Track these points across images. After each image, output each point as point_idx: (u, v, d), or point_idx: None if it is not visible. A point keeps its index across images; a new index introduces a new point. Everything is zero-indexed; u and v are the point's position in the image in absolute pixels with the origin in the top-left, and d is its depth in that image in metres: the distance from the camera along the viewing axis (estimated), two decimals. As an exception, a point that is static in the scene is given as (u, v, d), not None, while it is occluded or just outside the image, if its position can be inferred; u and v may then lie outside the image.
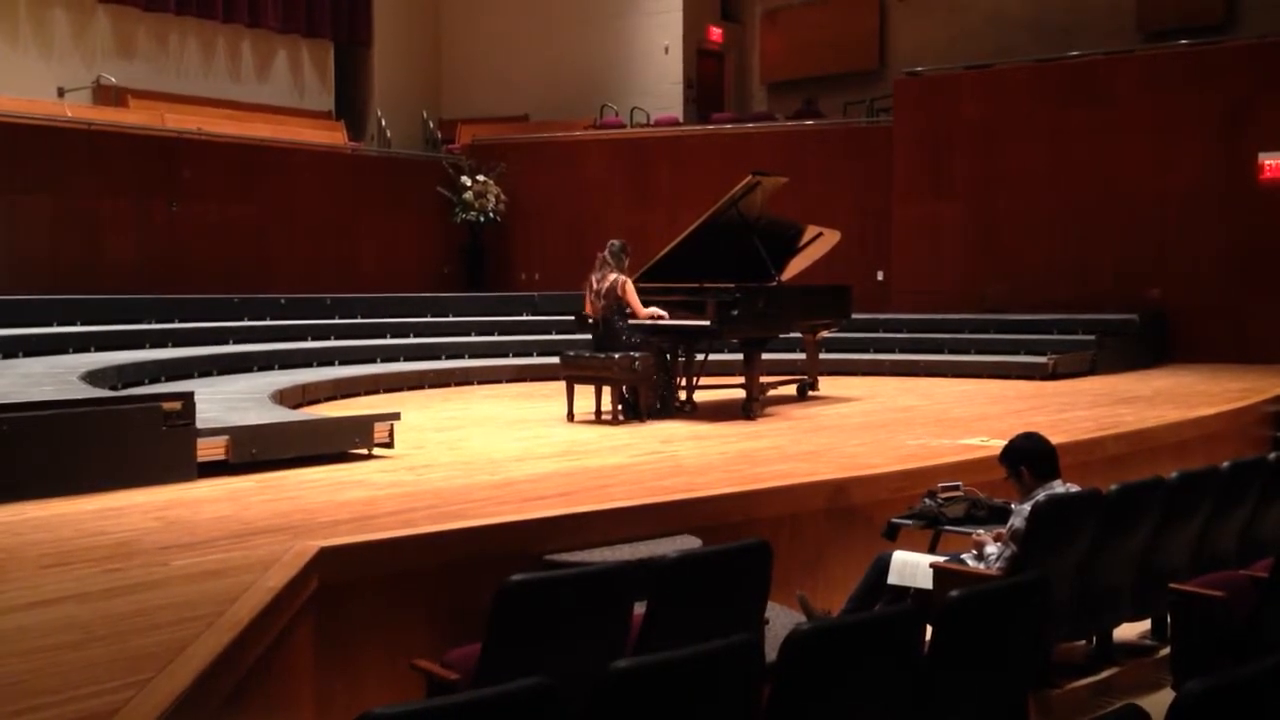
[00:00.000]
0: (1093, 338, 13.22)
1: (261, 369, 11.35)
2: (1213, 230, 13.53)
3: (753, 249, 9.78)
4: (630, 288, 9.20)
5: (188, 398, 6.43)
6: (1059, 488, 4.86)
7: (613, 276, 9.22)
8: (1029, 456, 4.94)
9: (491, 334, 14.46)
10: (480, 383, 12.72)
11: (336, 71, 17.92)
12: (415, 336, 13.86)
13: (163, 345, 11.44)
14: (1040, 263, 14.37)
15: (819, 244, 10.83)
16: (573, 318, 10.19)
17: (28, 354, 9.91)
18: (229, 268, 13.92)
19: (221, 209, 14.03)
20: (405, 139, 18.01)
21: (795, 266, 10.72)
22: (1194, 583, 4.86)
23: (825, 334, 11.68)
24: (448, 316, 14.74)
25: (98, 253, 12.85)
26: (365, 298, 14.38)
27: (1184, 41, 14.23)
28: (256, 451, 6.69)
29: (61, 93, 14.37)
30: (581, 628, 3.78)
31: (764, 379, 9.93)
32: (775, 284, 9.88)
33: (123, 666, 3.24)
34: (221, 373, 10.82)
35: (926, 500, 5.46)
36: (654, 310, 9.29)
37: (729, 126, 16.85)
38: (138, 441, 6.17)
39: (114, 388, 8.31)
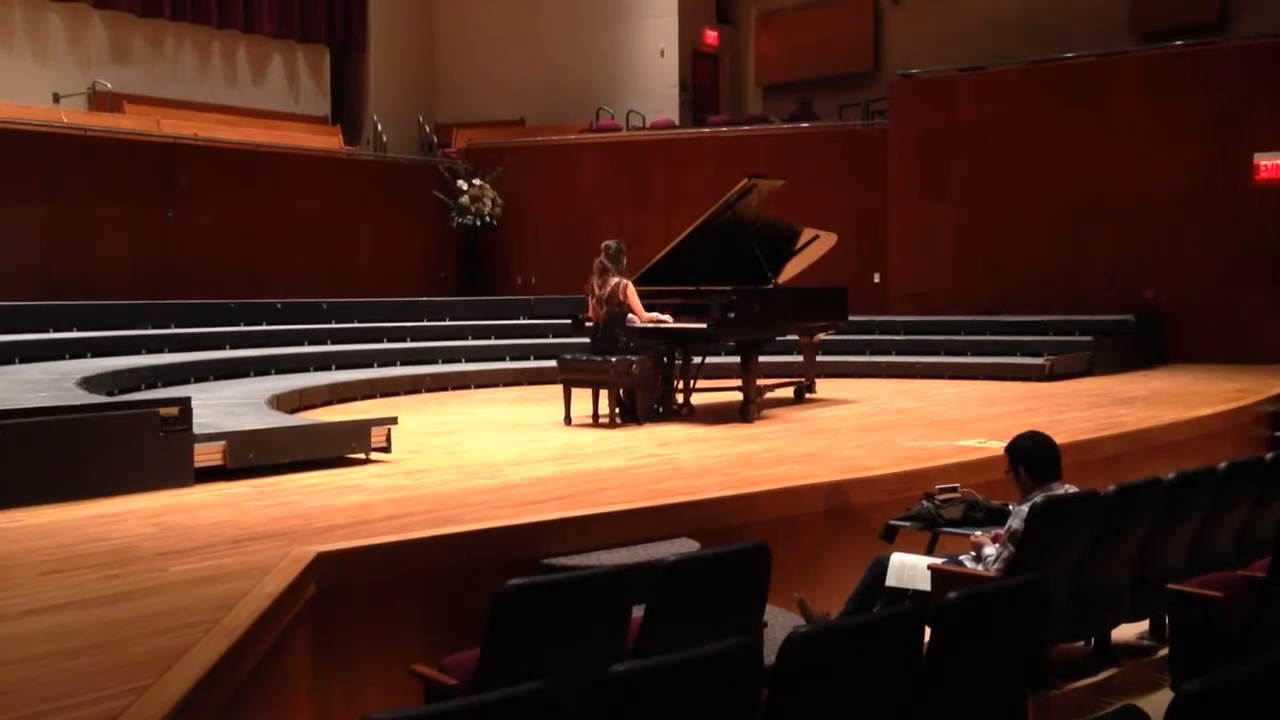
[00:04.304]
0: (1089, 339, 13.24)
1: (258, 374, 11.35)
2: (1208, 231, 13.55)
3: (749, 252, 9.78)
4: (632, 291, 9.20)
5: (184, 403, 6.43)
6: (1059, 490, 4.85)
7: (614, 280, 9.21)
8: (1028, 458, 4.94)
9: (488, 338, 14.46)
10: (477, 387, 12.71)
11: (332, 76, 17.93)
12: (412, 341, 13.86)
13: (159, 351, 11.42)
14: (1036, 264, 14.39)
15: (815, 246, 10.83)
16: (569, 321, 10.20)
17: (24, 360, 9.90)
18: (225, 273, 13.91)
19: (217, 214, 14.03)
20: (401, 143, 18.02)
21: (792, 269, 10.72)
22: (1191, 583, 4.87)
23: (822, 336, 11.69)
24: (444, 320, 14.73)
25: (93, 258, 12.84)
26: (361, 302, 14.37)
27: (1178, 42, 14.25)
28: (253, 457, 6.68)
29: (57, 99, 14.37)
30: (579, 632, 3.78)
31: (761, 381, 9.92)
32: (772, 287, 9.88)
33: (120, 673, 3.24)
34: (218, 378, 10.81)
35: (924, 502, 5.46)
36: (655, 315, 9.30)
37: (724, 129, 16.86)
38: (134, 447, 6.16)
39: (110, 393, 8.30)
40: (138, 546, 4.89)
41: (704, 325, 9.13)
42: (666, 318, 9.31)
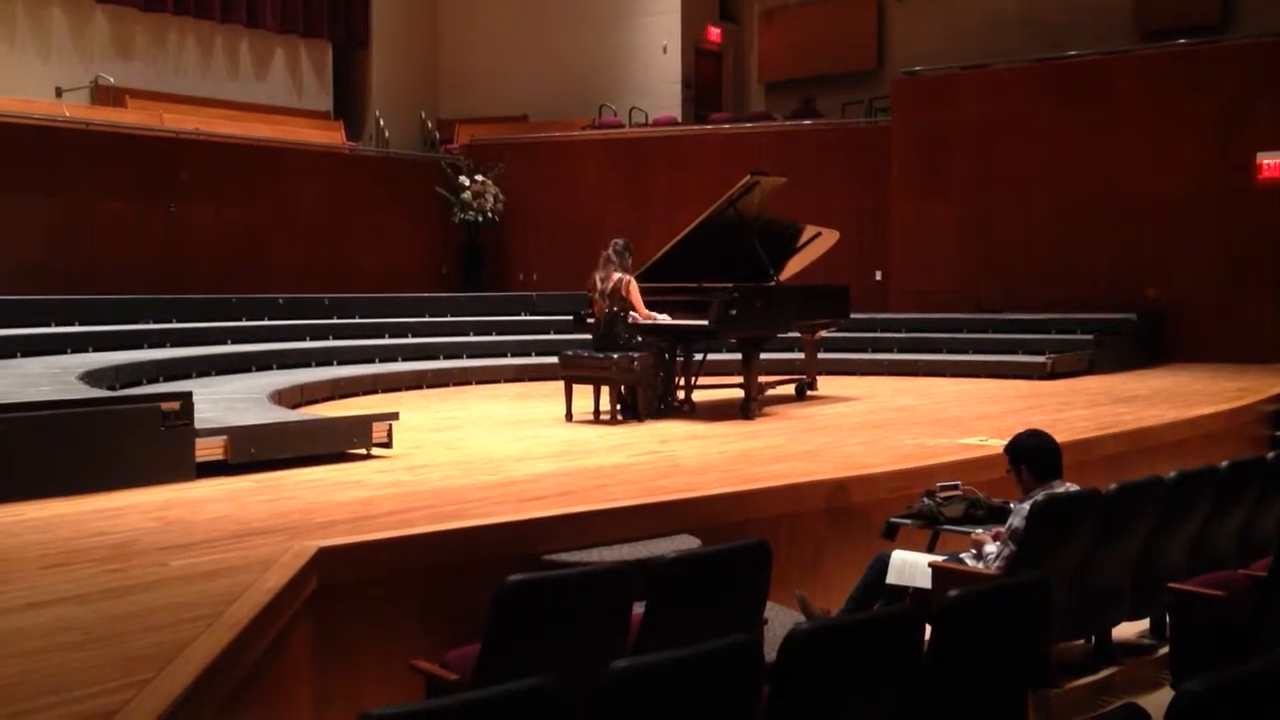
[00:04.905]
0: (1091, 337, 13.23)
1: (260, 369, 11.35)
2: (1210, 230, 13.54)
3: (751, 249, 9.77)
4: (634, 287, 9.20)
5: (186, 398, 6.43)
6: (1060, 488, 4.85)
7: (617, 275, 9.21)
8: (1030, 456, 4.94)
9: (490, 334, 14.45)
10: (478, 383, 12.71)
11: (334, 71, 17.92)
12: (413, 336, 13.85)
13: (161, 345, 11.43)
14: (1038, 262, 14.38)
15: (817, 244, 10.83)
16: (571, 317, 10.20)
17: (25, 354, 9.90)
18: (227, 268, 13.91)
19: (219, 209, 14.02)
20: (403, 139, 18.01)
21: (793, 266, 10.72)
22: (1192, 582, 4.87)
23: (823, 334, 11.68)
24: (446, 316, 14.73)
25: (95, 253, 12.84)
26: (363, 298, 14.37)
27: (1181, 41, 14.24)
28: (255, 451, 6.69)
29: (59, 93, 14.36)
30: (580, 628, 3.78)
31: (762, 379, 9.92)
32: (773, 284, 9.88)
33: (121, 667, 3.24)
34: (219, 373, 10.81)
35: (925, 500, 5.46)
36: (652, 314, 9.28)
37: (727, 126, 16.85)
38: (136, 442, 6.16)
39: (112, 388, 8.30)
40: (139, 541, 4.90)
41: (705, 322, 9.12)
42: (664, 317, 9.30)
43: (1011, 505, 5.00)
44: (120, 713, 2.87)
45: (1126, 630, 5.42)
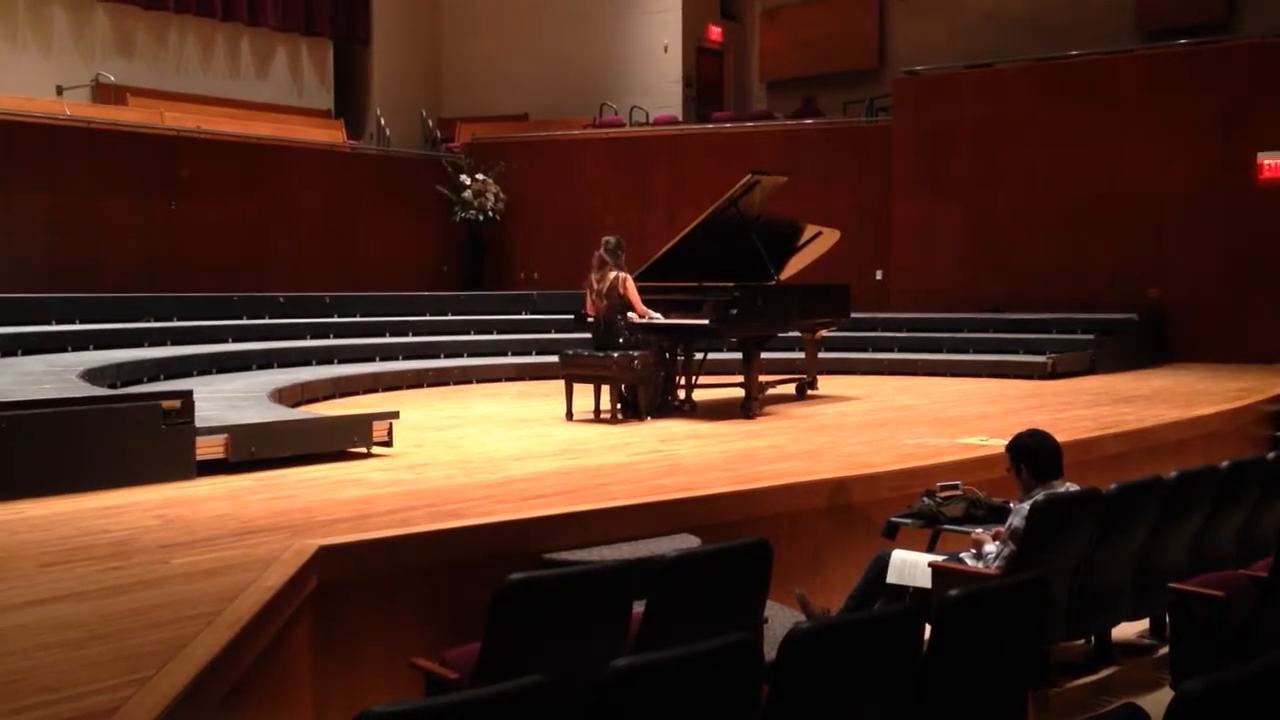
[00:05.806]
0: (1092, 337, 13.22)
1: (260, 367, 11.36)
2: (1212, 230, 13.53)
3: (752, 248, 9.78)
4: (631, 285, 9.20)
5: (187, 396, 6.43)
6: (1060, 488, 4.84)
7: (613, 274, 9.21)
8: (1030, 455, 4.94)
9: (490, 333, 14.46)
10: (479, 381, 12.72)
11: (336, 70, 17.92)
12: (414, 335, 13.85)
13: (162, 344, 11.44)
14: (1039, 262, 14.38)
15: (818, 243, 10.83)
16: (572, 316, 10.20)
17: (26, 352, 9.90)
18: (228, 266, 13.92)
19: (220, 207, 14.03)
20: (404, 137, 18.01)
21: (794, 265, 10.72)
22: (1193, 582, 4.87)
23: (824, 333, 11.68)
24: (447, 315, 14.74)
25: (96, 251, 12.84)
26: (364, 296, 14.37)
27: (1184, 41, 14.23)
28: (255, 450, 6.69)
29: (60, 91, 14.36)
30: (580, 627, 3.78)
31: (763, 378, 9.92)
32: (774, 283, 9.88)
33: (122, 665, 3.24)
34: (220, 371, 10.82)
35: (925, 499, 5.46)
36: (649, 311, 9.28)
37: (728, 125, 16.85)
38: (137, 440, 6.16)
39: (113, 386, 8.31)
40: (140, 539, 4.90)
41: (706, 321, 9.13)
42: (658, 315, 9.29)
43: (1012, 505, 5.00)
44: (121, 710, 2.88)
45: (1126, 630, 5.43)
